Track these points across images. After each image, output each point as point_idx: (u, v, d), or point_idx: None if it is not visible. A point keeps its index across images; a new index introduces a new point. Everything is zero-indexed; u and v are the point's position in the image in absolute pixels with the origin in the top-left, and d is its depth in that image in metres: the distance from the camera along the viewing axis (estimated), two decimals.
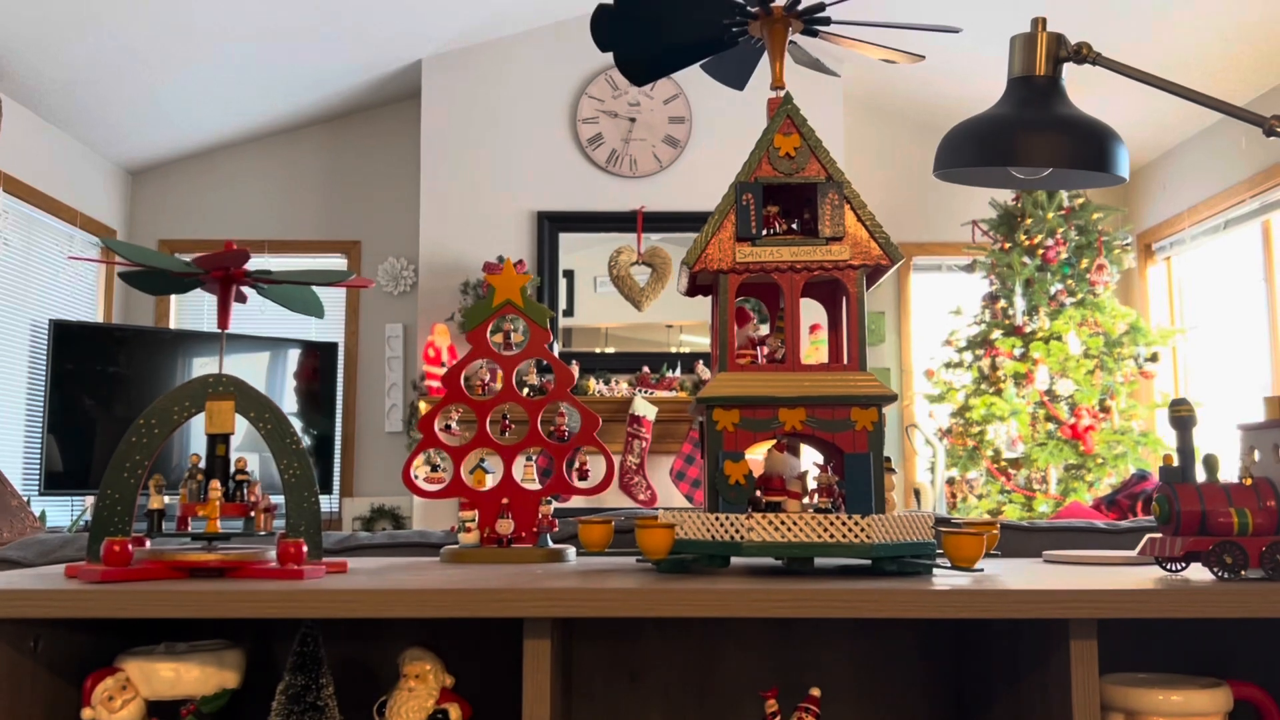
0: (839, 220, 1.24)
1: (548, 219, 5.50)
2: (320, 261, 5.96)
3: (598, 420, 1.45)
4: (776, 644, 1.46)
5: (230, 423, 1.19)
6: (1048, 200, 5.18)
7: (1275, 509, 1.13)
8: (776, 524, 1.16)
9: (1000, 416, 4.96)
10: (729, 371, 1.24)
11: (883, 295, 5.99)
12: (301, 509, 1.21)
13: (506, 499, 1.41)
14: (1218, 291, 5.32)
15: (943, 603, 1.04)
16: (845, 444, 1.21)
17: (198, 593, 1.04)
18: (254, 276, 1.24)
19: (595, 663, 1.46)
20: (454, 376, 1.43)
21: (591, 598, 1.05)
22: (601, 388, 5.37)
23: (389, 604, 1.05)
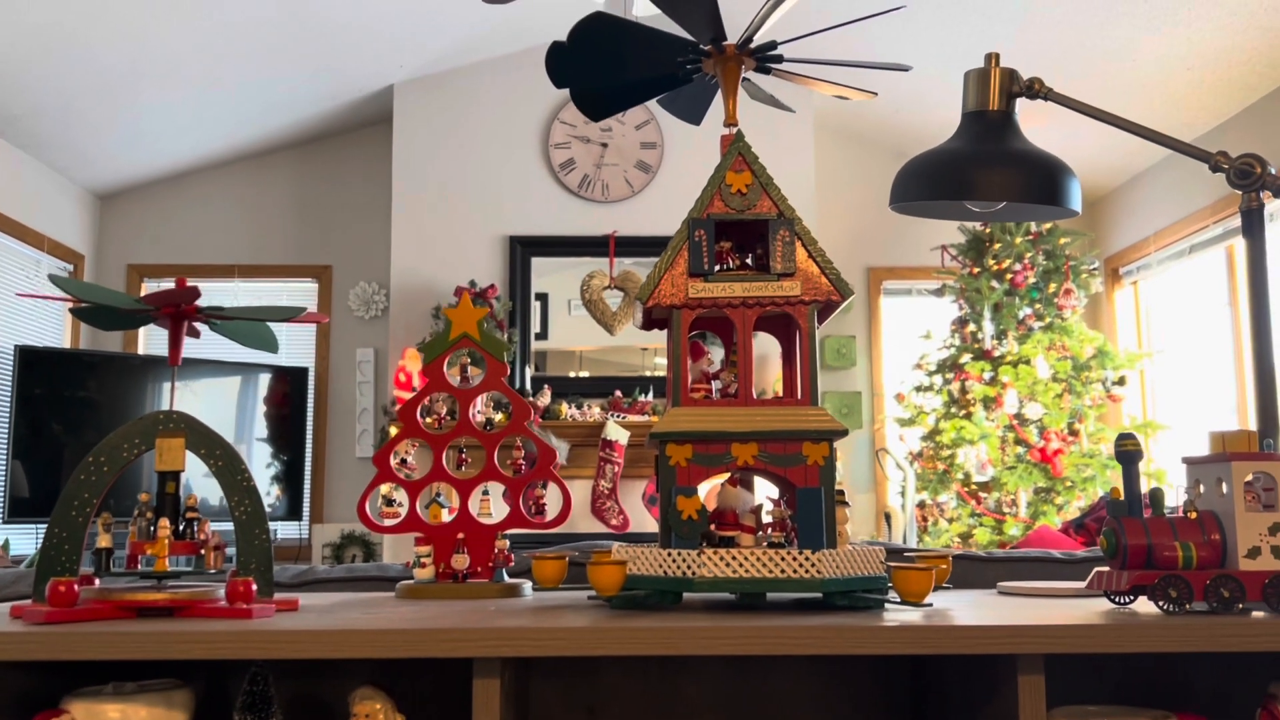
0: (790, 256, 1.25)
1: (520, 244, 5.51)
2: (291, 286, 5.94)
3: (554, 453, 1.45)
4: (734, 678, 1.46)
5: (180, 460, 1.19)
6: (1015, 226, 5.23)
7: (1219, 542, 1.15)
8: (728, 560, 1.17)
9: (970, 440, 4.99)
10: (682, 406, 1.25)
11: (854, 319, 6.02)
12: (252, 546, 1.20)
13: (462, 534, 1.40)
14: (1184, 315, 5.39)
15: (888, 639, 1.04)
16: (797, 478, 1.22)
17: (143, 634, 1.03)
18: (206, 312, 1.24)
19: (553, 698, 1.45)
20: (410, 410, 1.43)
21: (540, 637, 1.05)
22: (574, 412, 5.36)
23: (336, 645, 1.04)
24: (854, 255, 6.01)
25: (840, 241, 5.93)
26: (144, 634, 1.04)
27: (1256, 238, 1.41)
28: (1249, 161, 1.40)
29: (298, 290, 5.93)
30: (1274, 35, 4.32)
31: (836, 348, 5.93)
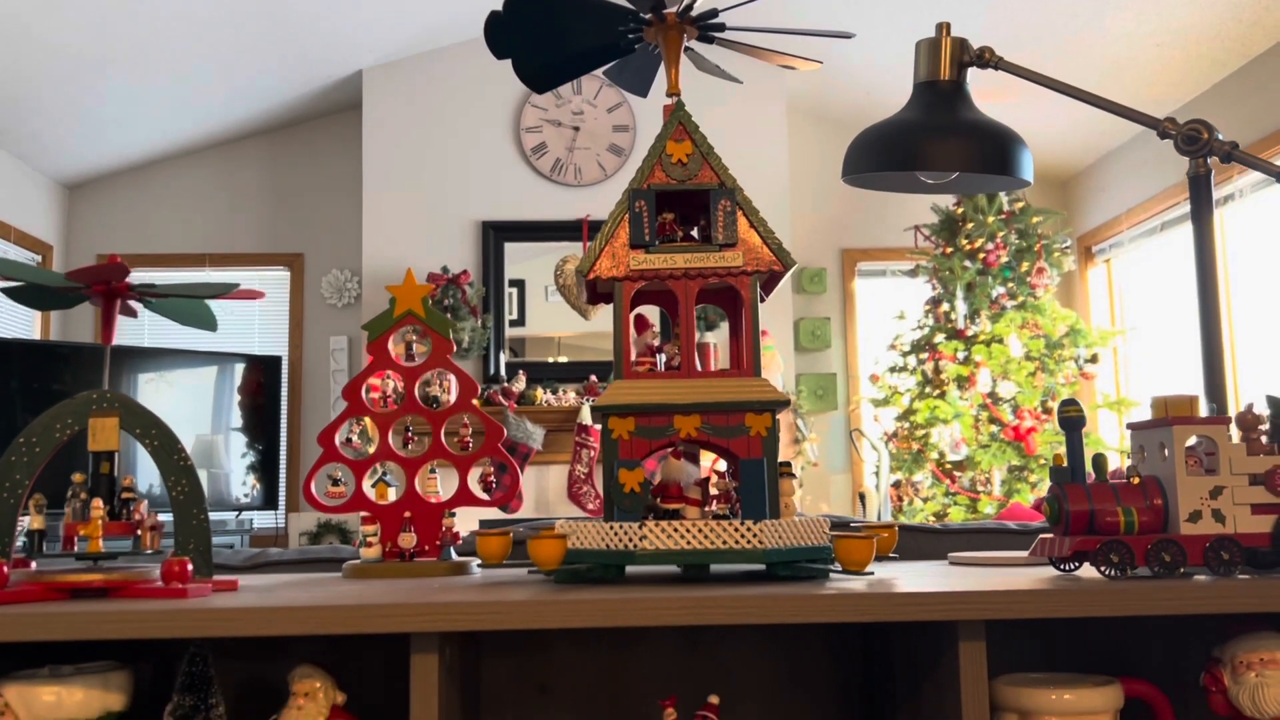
0: (732, 226, 1.24)
1: (493, 229, 5.48)
2: (263, 274, 5.90)
3: (501, 431, 1.44)
4: (684, 653, 1.45)
5: (114, 440, 1.17)
6: (988, 204, 5.24)
7: (1161, 507, 1.14)
8: (670, 531, 1.16)
9: (944, 419, 5.00)
10: (625, 379, 1.24)
11: (829, 301, 6.02)
12: (190, 526, 1.19)
13: (409, 512, 1.39)
14: (1156, 292, 5.40)
15: (828, 607, 1.04)
16: (740, 449, 1.21)
17: (75, 614, 1.02)
18: (138, 290, 1.22)
19: (504, 677, 1.44)
20: (354, 389, 1.41)
21: (477, 611, 1.04)
22: (549, 397, 5.35)
23: (269, 622, 1.03)
24: (828, 237, 6.01)
25: (814, 224, 5.93)
26: (75, 614, 1.02)
27: (1203, 204, 1.40)
28: (1195, 127, 1.40)
29: (270, 278, 5.88)
30: (1242, 10, 4.32)
31: (811, 330, 5.92)
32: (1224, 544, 1.11)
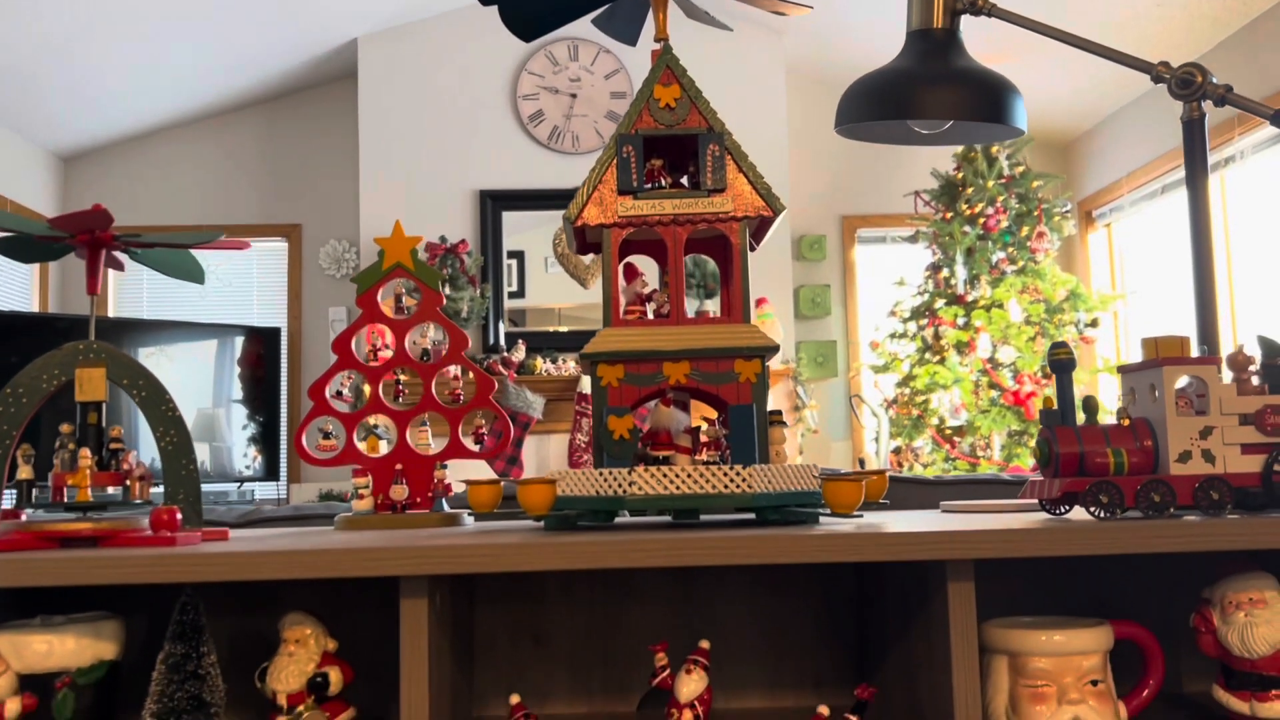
0: (720, 171, 1.23)
1: (490, 198, 5.46)
2: (260, 245, 5.88)
3: (493, 384, 1.43)
4: (678, 604, 1.45)
5: (101, 390, 1.17)
6: (988, 169, 5.21)
7: (1151, 449, 1.14)
8: (659, 477, 1.15)
9: (944, 385, 5.00)
10: (613, 327, 1.23)
11: (829, 268, 6.01)
12: (179, 477, 1.19)
13: (400, 465, 1.39)
14: (1156, 256, 5.38)
15: (816, 547, 1.04)
16: (729, 396, 1.21)
17: (62, 560, 1.02)
18: (123, 240, 1.21)
19: (498, 627, 1.45)
20: (344, 342, 1.41)
21: (466, 554, 1.04)
22: (549, 366, 5.35)
23: (257, 566, 1.03)
24: (828, 204, 5.99)
25: (814, 190, 5.91)
26: (65, 560, 1.02)
27: (1197, 148, 1.39)
28: (1190, 71, 1.38)
29: (267, 249, 5.87)
30: None
31: (811, 297, 5.91)
32: (1214, 484, 1.10)
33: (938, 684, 1.11)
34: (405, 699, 1.06)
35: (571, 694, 1.43)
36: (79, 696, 1.12)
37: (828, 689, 1.43)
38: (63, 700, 1.11)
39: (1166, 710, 1.33)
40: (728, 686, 1.43)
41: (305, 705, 1.10)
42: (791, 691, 1.44)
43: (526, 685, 1.43)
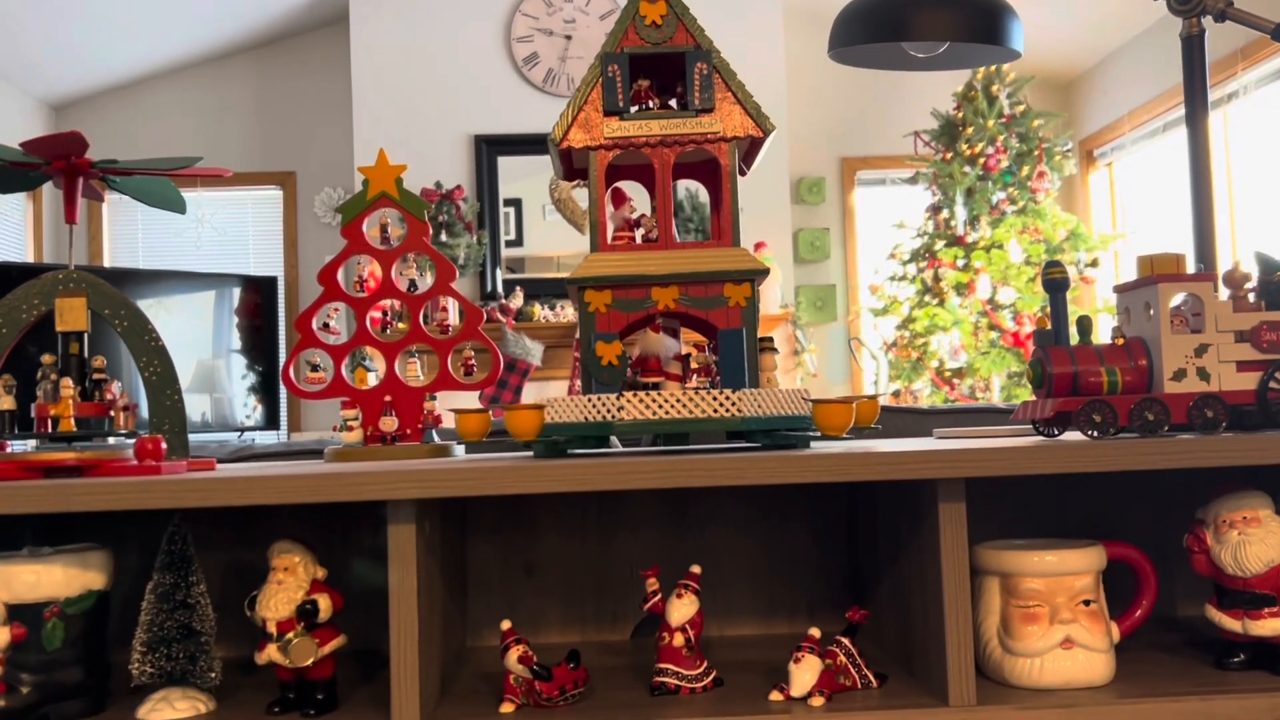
0: (709, 90, 1.20)
1: (485, 143, 5.40)
2: (255, 194, 5.84)
3: (481, 315, 1.42)
4: (671, 536, 1.45)
5: (83, 320, 1.15)
6: (988, 108, 5.15)
7: (1146, 367, 1.13)
8: (648, 402, 1.14)
9: (943, 327, 4.98)
10: (601, 252, 1.21)
11: (827, 211, 5.96)
12: (164, 407, 1.18)
13: (389, 396, 1.38)
14: (1158, 196, 5.34)
15: (805, 467, 1.03)
16: (719, 320, 1.19)
17: (45, 487, 1.01)
18: (100, 167, 1.19)
19: (490, 558, 1.45)
20: (330, 273, 1.39)
21: (453, 477, 1.03)
22: (547, 313, 5.33)
23: (242, 492, 1.02)
24: (827, 146, 5.93)
25: (812, 132, 5.85)
26: (48, 488, 1.01)
27: (1196, 66, 1.36)
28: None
29: (262, 197, 5.83)
30: None
31: (810, 240, 5.88)
32: (1208, 401, 1.09)
33: (929, 607, 1.11)
34: (395, 626, 1.05)
35: (565, 624, 1.43)
36: (68, 626, 1.11)
37: (820, 615, 1.43)
38: (52, 630, 1.10)
39: (1159, 632, 1.33)
40: (720, 615, 1.44)
41: (295, 632, 1.10)
42: (784, 619, 1.44)
43: (519, 615, 1.43)
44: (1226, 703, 1.05)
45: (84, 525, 1.38)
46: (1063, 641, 1.09)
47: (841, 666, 1.13)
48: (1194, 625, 1.36)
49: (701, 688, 1.14)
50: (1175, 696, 1.06)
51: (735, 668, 1.23)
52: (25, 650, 1.10)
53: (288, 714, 1.11)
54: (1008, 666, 1.11)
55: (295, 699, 1.12)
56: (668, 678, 1.13)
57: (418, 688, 1.04)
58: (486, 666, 1.30)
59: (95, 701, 1.14)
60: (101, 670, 1.16)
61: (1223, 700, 1.05)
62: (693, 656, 1.15)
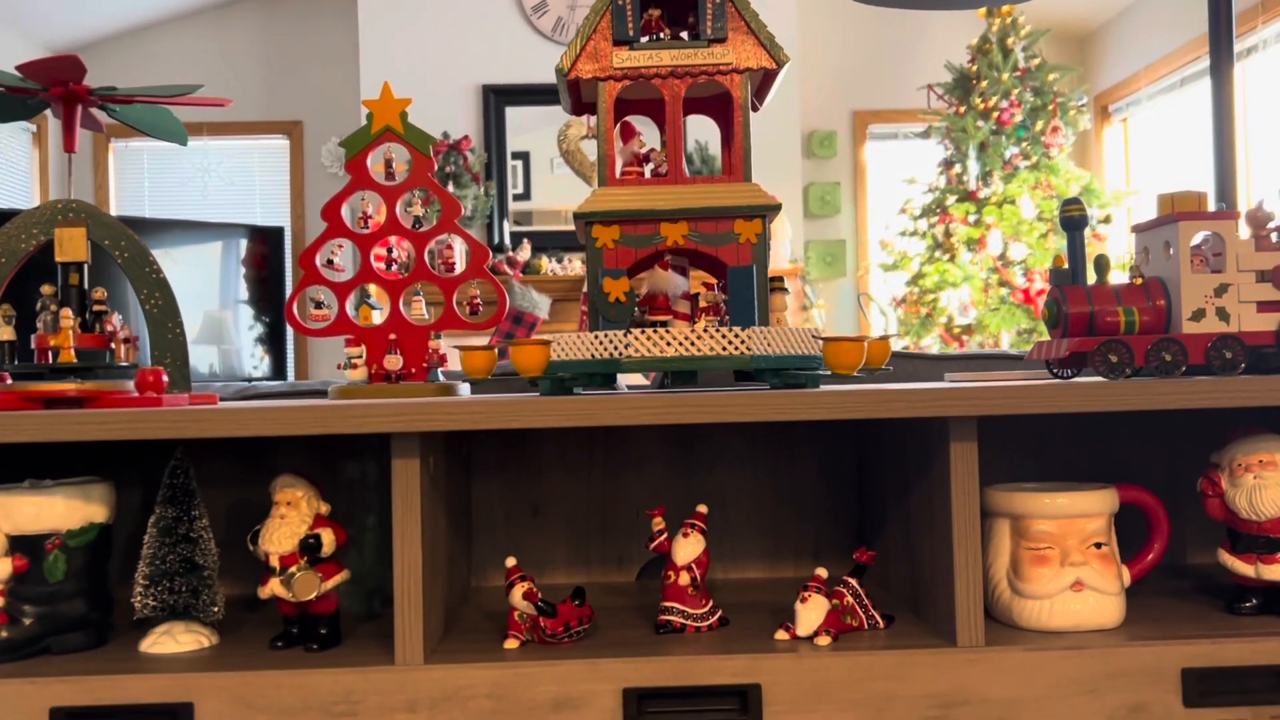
0: (721, 19, 1.17)
1: (494, 93, 5.35)
2: (261, 143, 5.80)
3: (487, 253, 1.39)
4: (677, 479, 1.44)
5: (83, 250, 1.13)
6: (1003, 61, 5.07)
7: (1164, 307, 1.10)
8: (655, 339, 1.12)
9: (953, 283, 4.94)
10: (609, 186, 1.19)
11: (839, 165, 5.90)
12: (166, 341, 1.16)
13: (394, 335, 1.36)
14: (1173, 151, 5.27)
15: (814, 404, 1.01)
16: (729, 257, 1.17)
17: (45, 417, 1.00)
18: (99, 94, 1.16)
19: (495, 498, 1.44)
20: (334, 209, 1.37)
21: (457, 411, 1.02)
22: (555, 266, 5.30)
23: (245, 423, 1.01)
24: (839, 98, 5.86)
25: (825, 83, 5.77)
26: (48, 417, 1.00)
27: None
28: None
29: (268, 147, 5.79)
30: None
31: (821, 195, 5.82)
32: (1227, 342, 1.07)
33: (938, 549, 1.10)
34: (399, 563, 1.04)
35: (570, 565, 1.43)
36: (70, 558, 1.11)
37: (827, 559, 1.42)
38: (54, 562, 1.10)
39: (1170, 578, 1.32)
40: (727, 558, 1.43)
41: (298, 566, 1.09)
42: (791, 562, 1.43)
43: (525, 557, 1.42)
44: (1238, 646, 1.04)
45: (86, 461, 1.37)
46: (1073, 584, 1.08)
47: (848, 607, 1.12)
48: (1205, 572, 1.35)
49: (707, 626, 1.13)
50: (1186, 639, 1.04)
51: (741, 609, 1.22)
52: (27, 582, 1.10)
53: (290, 648, 1.11)
54: (1016, 609, 1.10)
55: (298, 634, 1.12)
56: (673, 616, 1.13)
57: (421, 622, 1.04)
58: (491, 606, 1.30)
59: (98, 635, 1.14)
60: (104, 604, 1.16)
61: (1234, 644, 1.04)
62: (698, 596, 1.14)
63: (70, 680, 1.02)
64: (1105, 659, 1.03)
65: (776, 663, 1.03)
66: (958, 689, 1.03)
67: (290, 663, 1.05)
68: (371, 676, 1.02)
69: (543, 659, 1.04)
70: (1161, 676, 1.03)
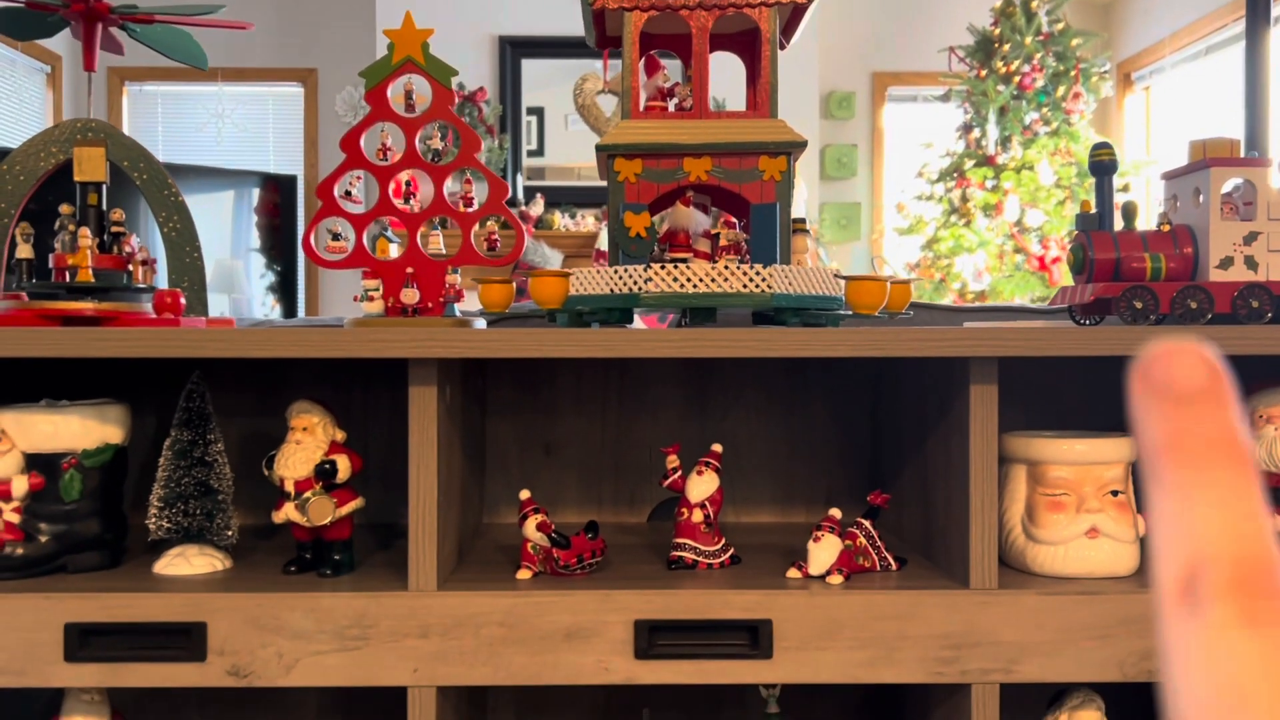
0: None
1: (510, 44, 5.30)
2: (276, 90, 5.76)
3: (506, 188, 1.38)
4: (691, 420, 1.43)
5: (101, 170, 1.12)
6: (1026, 25, 5.01)
7: (1191, 255, 1.09)
8: (675, 275, 1.11)
9: (968, 249, 4.91)
10: (632, 119, 1.18)
11: (856, 127, 5.85)
12: (184, 264, 1.16)
13: (411, 268, 1.35)
14: (1196, 121, 5.21)
15: (836, 342, 1.00)
16: (752, 195, 1.16)
17: (61, 334, 1.00)
18: (119, 12, 1.15)
19: (509, 437, 1.44)
20: (353, 140, 1.36)
21: (474, 338, 1.01)
22: (567, 222, 5.28)
23: (262, 344, 1.01)
24: (858, 59, 5.79)
25: (844, 44, 5.71)
26: (64, 334, 1.00)
27: None
28: None
29: (282, 94, 5.76)
30: None
31: (837, 157, 5.78)
32: (1255, 291, 1.06)
33: (954, 494, 1.09)
34: (414, 490, 1.04)
35: (582, 503, 1.43)
36: (85, 478, 1.11)
37: (840, 506, 1.41)
38: (69, 481, 1.10)
39: None
40: (740, 502, 1.43)
41: (313, 491, 1.09)
42: (803, 507, 1.43)
43: (538, 495, 1.41)
44: None
45: (102, 385, 1.37)
46: (1088, 530, 1.07)
47: (861, 548, 1.12)
48: None
49: (719, 563, 1.13)
50: None
51: (754, 549, 1.22)
52: (43, 500, 1.10)
53: (304, 574, 1.11)
54: (1030, 554, 1.10)
55: (312, 560, 1.12)
56: (685, 552, 1.13)
57: (435, 549, 1.04)
58: (504, 540, 1.30)
59: (112, 556, 1.14)
60: (119, 525, 1.16)
61: None
62: (711, 533, 1.14)
63: (85, 596, 1.02)
64: (1118, 605, 1.03)
65: (788, 599, 1.03)
66: (969, 630, 1.03)
67: (303, 586, 1.06)
68: (384, 601, 1.03)
69: (555, 589, 1.04)
70: None
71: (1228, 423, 0.24)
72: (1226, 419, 0.24)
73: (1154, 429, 0.25)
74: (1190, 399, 0.24)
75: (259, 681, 1.02)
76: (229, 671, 1.02)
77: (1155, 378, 0.25)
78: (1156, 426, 0.25)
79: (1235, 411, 0.24)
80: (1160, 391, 0.25)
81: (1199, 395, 0.24)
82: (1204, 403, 0.24)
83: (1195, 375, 0.24)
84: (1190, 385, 0.24)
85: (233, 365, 1.40)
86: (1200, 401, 0.24)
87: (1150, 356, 0.25)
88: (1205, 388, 0.24)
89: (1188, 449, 0.24)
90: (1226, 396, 0.24)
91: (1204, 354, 0.25)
